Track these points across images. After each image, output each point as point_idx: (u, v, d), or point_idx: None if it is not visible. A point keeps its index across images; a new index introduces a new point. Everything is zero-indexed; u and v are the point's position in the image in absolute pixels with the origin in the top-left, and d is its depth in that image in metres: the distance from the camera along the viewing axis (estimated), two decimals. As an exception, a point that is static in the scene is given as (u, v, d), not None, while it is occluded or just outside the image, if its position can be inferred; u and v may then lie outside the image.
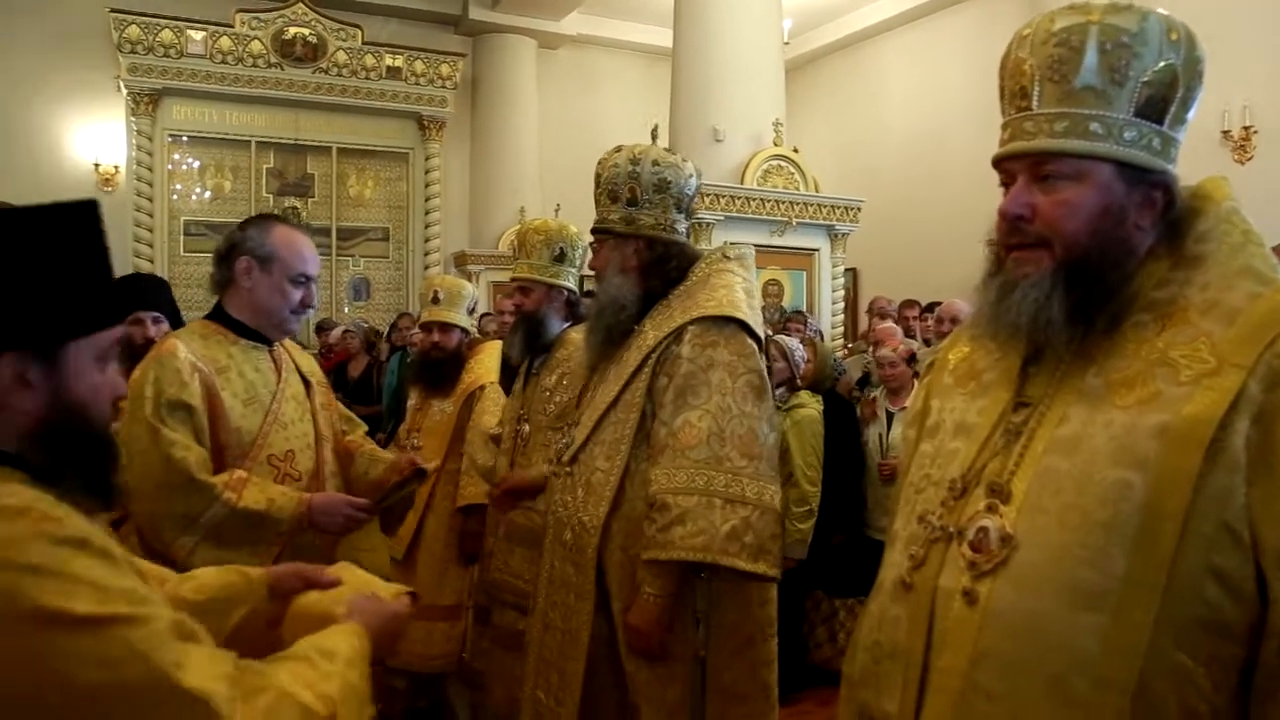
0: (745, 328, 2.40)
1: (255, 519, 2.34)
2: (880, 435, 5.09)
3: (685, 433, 2.29)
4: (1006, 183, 1.39)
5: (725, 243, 2.75)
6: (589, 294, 3.50)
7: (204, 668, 1.08)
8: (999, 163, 1.40)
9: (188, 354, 2.44)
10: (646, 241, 2.51)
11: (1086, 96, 1.31)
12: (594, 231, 2.59)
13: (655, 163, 2.48)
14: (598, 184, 2.55)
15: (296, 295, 2.53)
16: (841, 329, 8.07)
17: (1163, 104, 1.31)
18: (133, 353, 3.00)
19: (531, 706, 2.54)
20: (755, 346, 2.41)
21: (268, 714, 1.11)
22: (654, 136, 6.47)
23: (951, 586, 1.33)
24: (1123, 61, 1.29)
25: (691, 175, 2.58)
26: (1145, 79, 1.29)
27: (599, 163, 2.56)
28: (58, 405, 1.15)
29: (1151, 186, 1.33)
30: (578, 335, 3.04)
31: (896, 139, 11.04)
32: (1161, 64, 1.29)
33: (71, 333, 1.17)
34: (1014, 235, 1.37)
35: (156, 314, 3.43)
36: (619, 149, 2.55)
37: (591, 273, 2.72)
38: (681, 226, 2.57)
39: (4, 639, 0.98)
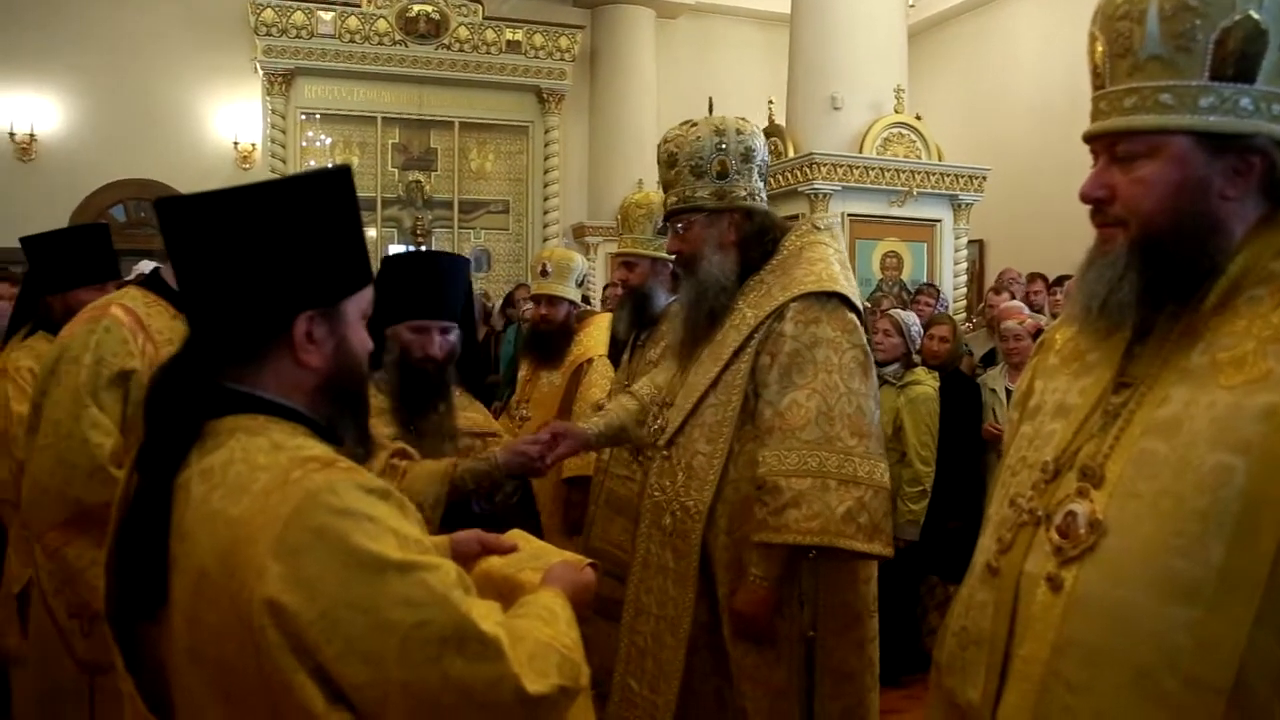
0: (846, 302, 2.36)
1: None
2: (995, 412, 4.92)
3: (793, 413, 2.25)
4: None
5: (809, 214, 2.76)
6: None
7: (487, 613, 1.15)
8: (1089, 146, 1.35)
9: (133, 322, 2.30)
10: (744, 213, 2.46)
11: (1154, 68, 1.24)
12: (677, 213, 2.49)
13: (738, 131, 2.44)
14: (673, 163, 2.47)
15: None
16: (964, 303, 7.75)
17: (1250, 60, 1.21)
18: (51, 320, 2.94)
19: (621, 694, 2.49)
20: (857, 321, 2.37)
21: (531, 659, 1.16)
22: (770, 108, 6.36)
23: (1036, 572, 1.28)
24: (1187, 25, 1.21)
25: (764, 141, 2.55)
26: (1217, 38, 1.21)
27: (667, 141, 2.50)
28: (338, 359, 1.22)
29: (1244, 152, 1.24)
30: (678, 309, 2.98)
31: (1026, 104, 10.55)
32: (1237, 18, 1.20)
33: (348, 289, 1.23)
34: (1097, 215, 1.32)
35: None
36: (690, 124, 2.49)
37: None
38: (764, 195, 2.54)
39: (323, 573, 1.04)
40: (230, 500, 1.09)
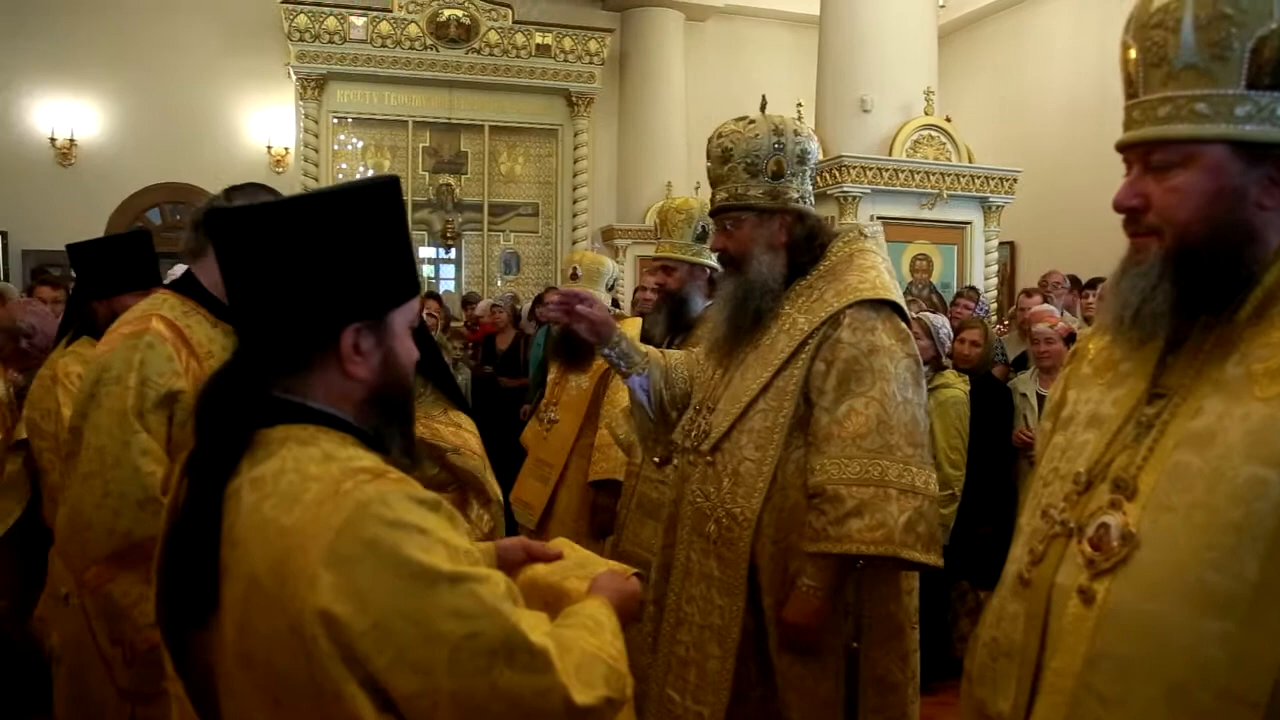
0: (899, 310, 2.34)
1: None
2: (1025, 417, 4.86)
3: (852, 420, 2.21)
4: None
5: (853, 221, 2.74)
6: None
7: (535, 623, 1.16)
8: (1122, 154, 1.33)
9: (176, 337, 2.13)
10: (796, 216, 2.41)
11: (1188, 77, 1.23)
12: (725, 210, 2.43)
13: (796, 133, 2.41)
14: (726, 158, 2.40)
15: None
16: (994, 305, 7.64)
17: None
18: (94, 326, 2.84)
19: (659, 706, 2.44)
20: (908, 330, 2.36)
21: (579, 669, 1.17)
22: (799, 111, 6.32)
23: (1068, 584, 1.28)
24: (1222, 34, 1.20)
25: (818, 146, 2.54)
26: (1253, 46, 1.19)
27: (722, 135, 2.43)
28: (385, 371, 1.22)
29: None
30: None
31: (1058, 105, 10.45)
32: (1273, 26, 1.19)
33: (395, 300, 1.23)
34: (1130, 224, 1.31)
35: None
36: (748, 121, 2.43)
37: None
38: (813, 199, 2.52)
39: (375, 584, 1.05)
40: (282, 509, 1.10)
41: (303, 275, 1.15)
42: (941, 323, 4.74)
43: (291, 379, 1.20)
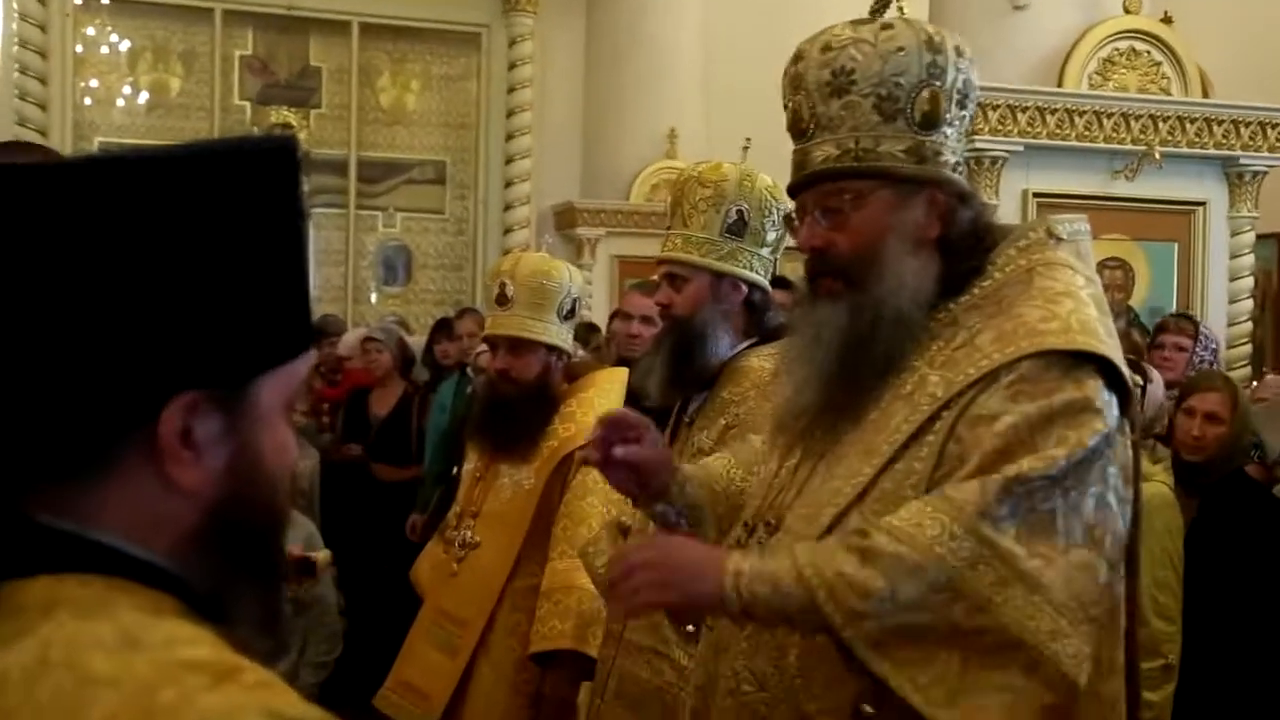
0: (1107, 372, 1.80)
1: None
2: None
3: None
4: None
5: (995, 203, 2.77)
6: (782, 283, 3.07)
7: None
8: None
9: None
10: (958, 194, 1.93)
11: None
12: (837, 176, 1.91)
13: (959, 52, 1.91)
14: (842, 87, 1.92)
15: None
16: (1247, 345, 5.89)
17: None
18: None
19: None
20: (1125, 409, 1.82)
21: None
22: (900, 6, 4.80)
23: None
24: None
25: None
26: None
27: (831, 47, 1.91)
28: (236, 478, 0.92)
29: None
30: (764, 364, 2.59)
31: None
32: None
33: (269, 359, 0.94)
34: None
35: None
36: (880, 24, 1.91)
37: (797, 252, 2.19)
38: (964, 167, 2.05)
39: None
40: None
41: (104, 295, 0.85)
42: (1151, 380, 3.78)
43: (65, 490, 0.89)
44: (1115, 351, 1.83)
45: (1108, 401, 1.78)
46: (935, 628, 1.65)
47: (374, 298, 8.41)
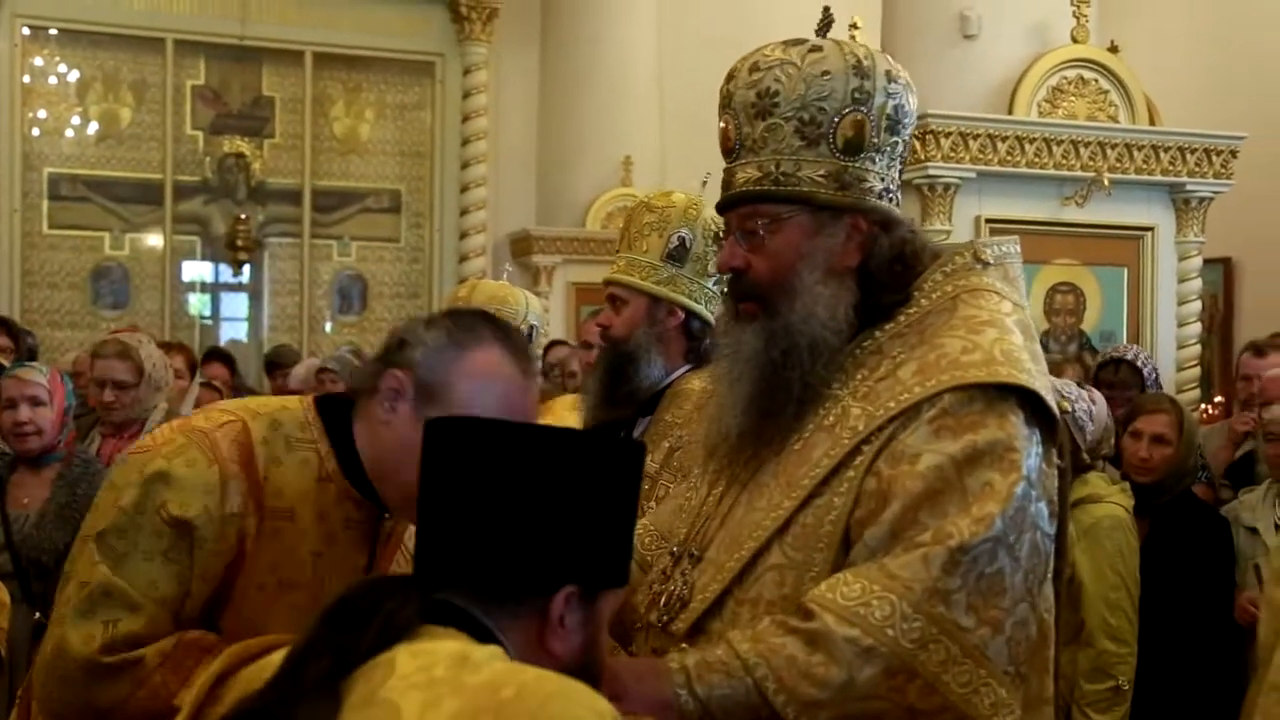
0: (1036, 406, 1.76)
1: None
2: (1257, 568, 3.63)
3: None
4: None
5: (945, 228, 3.02)
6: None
7: None
8: None
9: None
10: (879, 220, 1.87)
11: None
12: (753, 199, 1.88)
13: (890, 77, 1.87)
14: (766, 108, 1.86)
15: None
16: (1195, 368, 5.92)
17: None
18: None
19: None
20: (1051, 446, 1.76)
21: None
22: (852, 36, 4.88)
23: None
24: None
25: (916, 101, 2.06)
26: None
27: (760, 68, 1.89)
28: (583, 660, 1.24)
29: None
30: (707, 386, 2.43)
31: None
32: None
33: (610, 579, 1.28)
34: None
35: None
36: (808, 46, 1.87)
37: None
38: (899, 195, 1.98)
39: None
40: (466, 671, 1.10)
41: (539, 511, 1.22)
42: (1073, 391, 3.60)
43: (483, 606, 1.21)
44: (1040, 379, 1.80)
45: (1028, 437, 1.74)
46: (890, 713, 1.61)
47: (329, 327, 8.34)
